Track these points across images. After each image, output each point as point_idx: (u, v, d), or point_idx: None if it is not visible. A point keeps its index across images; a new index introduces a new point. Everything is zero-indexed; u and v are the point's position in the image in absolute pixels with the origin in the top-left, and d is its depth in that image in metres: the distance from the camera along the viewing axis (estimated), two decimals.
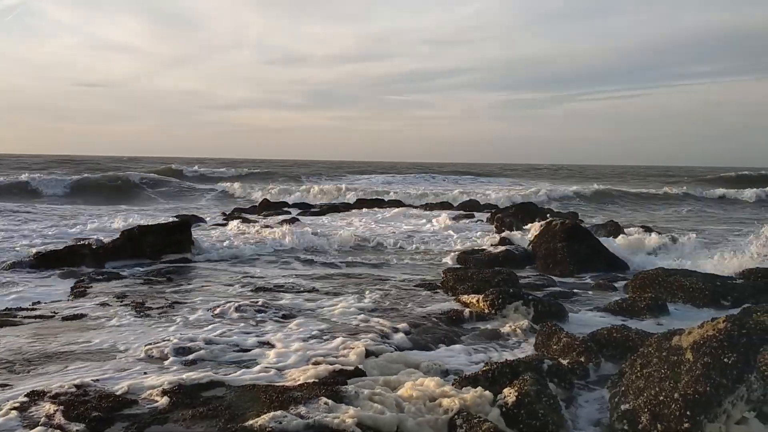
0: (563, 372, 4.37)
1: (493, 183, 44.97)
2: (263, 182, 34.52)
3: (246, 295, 7.23)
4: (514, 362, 4.27)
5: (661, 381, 3.54)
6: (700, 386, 3.33)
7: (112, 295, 7.10)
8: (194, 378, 4.30)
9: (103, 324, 5.87)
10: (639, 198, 30.65)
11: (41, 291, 7.28)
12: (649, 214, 24.09)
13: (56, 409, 3.71)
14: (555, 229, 10.05)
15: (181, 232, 10.39)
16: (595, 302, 7.32)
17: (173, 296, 7.12)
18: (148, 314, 6.24)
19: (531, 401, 3.64)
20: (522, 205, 18.63)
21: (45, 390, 4.01)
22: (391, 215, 18.18)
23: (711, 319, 3.75)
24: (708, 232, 16.26)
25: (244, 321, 6.01)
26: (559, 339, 5.14)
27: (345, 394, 3.92)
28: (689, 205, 28.12)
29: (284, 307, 6.55)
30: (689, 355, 3.50)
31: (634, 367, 3.87)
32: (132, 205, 22.71)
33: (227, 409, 3.79)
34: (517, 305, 6.36)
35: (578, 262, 9.38)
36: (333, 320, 6.13)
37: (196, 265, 9.33)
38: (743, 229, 15.66)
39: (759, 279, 8.05)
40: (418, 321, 6.13)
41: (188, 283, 8.00)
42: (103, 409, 3.75)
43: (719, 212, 25.92)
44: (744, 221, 20.22)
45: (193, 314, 6.25)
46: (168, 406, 3.86)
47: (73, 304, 6.64)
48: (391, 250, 11.20)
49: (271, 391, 3.99)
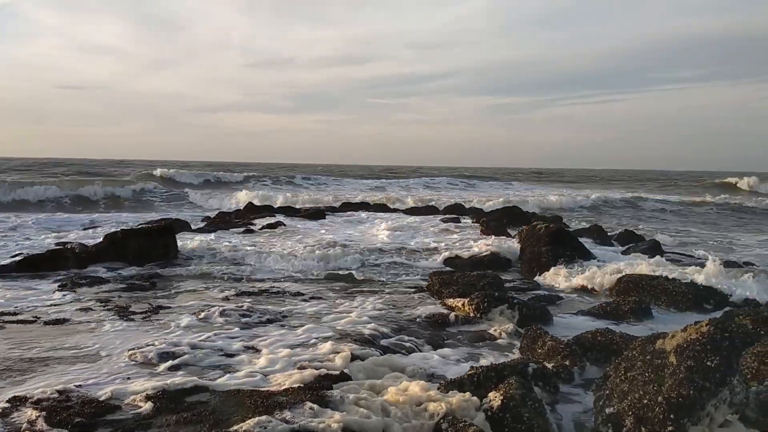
0: (548, 375, 4.39)
1: (516, 187, 44.00)
2: (247, 186, 34.16)
3: (230, 299, 7.20)
4: (500, 366, 4.28)
5: (645, 384, 3.56)
6: (683, 389, 3.35)
7: (95, 299, 7.03)
8: (178, 383, 4.26)
9: (86, 329, 5.81)
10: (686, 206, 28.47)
11: (23, 295, 7.19)
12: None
13: (38, 414, 3.66)
14: (540, 232, 10.10)
15: (164, 236, 10.32)
16: (580, 306, 7.36)
17: (157, 301, 7.07)
18: (132, 319, 6.19)
19: (516, 405, 3.65)
20: (507, 209, 18.68)
21: (27, 396, 3.96)
22: (377, 219, 18.18)
23: (694, 322, 3.78)
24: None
25: (228, 325, 5.97)
26: (543, 342, 5.16)
27: (330, 398, 3.91)
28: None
29: (269, 312, 6.51)
30: (673, 359, 3.53)
31: (618, 370, 3.89)
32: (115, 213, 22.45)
33: (211, 414, 3.76)
34: (502, 309, 6.39)
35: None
36: (318, 324, 6.11)
37: (180, 269, 9.26)
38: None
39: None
40: (403, 324, 6.13)
41: (172, 287, 7.95)
42: (86, 415, 3.71)
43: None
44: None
45: (177, 319, 6.21)
46: (152, 411, 3.83)
47: (55, 309, 6.56)
48: (376, 254, 11.18)
49: (256, 396, 3.96)
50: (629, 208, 27.66)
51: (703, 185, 47.27)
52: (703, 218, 24.15)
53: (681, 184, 51.46)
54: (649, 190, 42.81)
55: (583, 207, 27.30)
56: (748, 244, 15.22)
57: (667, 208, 27.38)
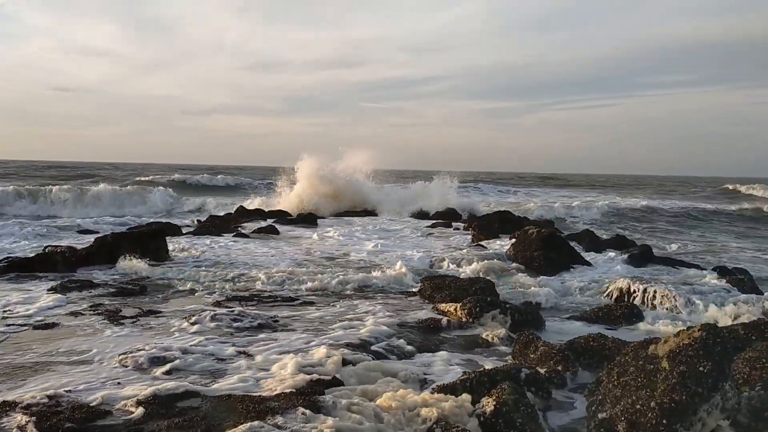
0: (541, 381, 4.39)
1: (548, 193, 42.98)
2: (240, 191, 34.03)
3: (222, 304, 7.16)
4: (492, 371, 4.28)
5: (637, 389, 3.57)
6: (676, 395, 3.36)
7: (85, 303, 6.97)
8: (169, 388, 4.23)
9: (76, 333, 5.76)
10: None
11: (13, 299, 7.11)
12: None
13: (28, 420, 3.63)
14: (531, 237, 10.12)
15: (155, 239, 10.28)
16: (572, 310, 7.38)
17: (148, 305, 7.02)
18: (122, 323, 6.14)
19: (509, 410, 3.64)
20: (499, 213, 18.71)
21: (16, 401, 3.92)
22: (369, 224, 18.20)
23: (686, 327, 3.80)
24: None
25: (219, 330, 5.94)
26: (536, 348, 5.16)
27: (323, 404, 3.90)
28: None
29: (261, 316, 6.48)
30: (665, 364, 3.53)
31: (611, 375, 3.89)
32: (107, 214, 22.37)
33: (203, 419, 3.74)
34: (494, 314, 6.38)
35: (554, 269, 9.44)
36: (310, 329, 6.09)
37: (171, 273, 9.20)
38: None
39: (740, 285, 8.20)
40: (395, 329, 6.11)
41: (163, 291, 7.90)
42: (76, 420, 3.68)
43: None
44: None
45: (167, 323, 6.17)
46: (143, 416, 3.80)
47: (45, 313, 6.50)
48: (367, 259, 11.16)
49: (248, 402, 3.95)
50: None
51: (716, 191, 47.69)
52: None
53: (676, 189, 51.79)
54: (664, 194, 42.65)
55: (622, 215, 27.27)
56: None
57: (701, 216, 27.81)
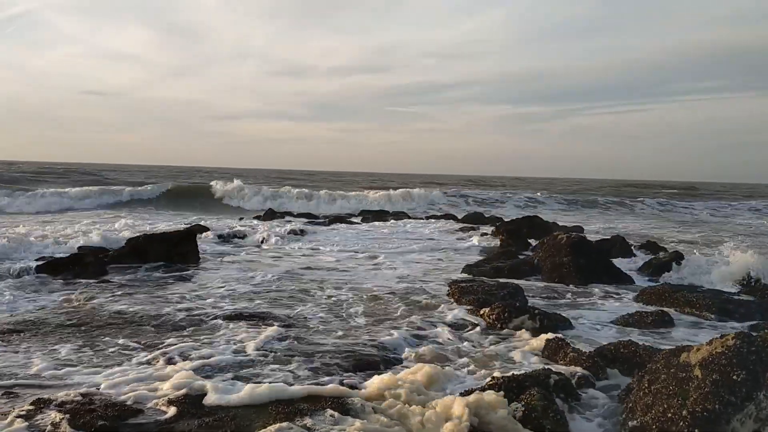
0: (570, 387, 4.34)
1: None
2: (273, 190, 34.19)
3: (250, 305, 7.23)
4: (521, 376, 4.25)
5: (669, 398, 3.52)
6: (708, 404, 3.31)
7: (114, 303, 7.10)
8: (200, 387, 4.29)
9: (107, 332, 5.87)
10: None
11: (43, 299, 7.29)
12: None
13: (62, 417, 3.71)
14: (561, 242, 10.03)
15: (186, 242, 10.42)
16: (602, 316, 7.29)
17: (177, 305, 7.12)
18: (152, 323, 6.24)
19: (538, 416, 3.62)
20: (527, 218, 18.54)
21: (51, 398, 4.01)
22: (396, 226, 18.24)
23: (719, 335, 3.74)
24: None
25: (248, 330, 6.00)
26: (565, 353, 5.12)
27: (351, 406, 3.91)
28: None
29: (289, 317, 6.53)
30: (698, 372, 3.49)
31: (641, 383, 3.85)
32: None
33: (233, 420, 3.78)
34: (523, 319, 6.35)
35: (584, 275, 9.35)
36: (339, 332, 6.11)
37: (201, 274, 9.33)
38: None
39: (767, 297, 8.02)
40: (421, 333, 6.11)
41: (192, 292, 8.00)
42: (109, 418, 3.75)
43: None
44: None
45: (198, 323, 6.25)
46: (174, 415, 3.85)
47: (75, 313, 6.64)
48: (392, 261, 11.16)
49: (277, 403, 3.98)
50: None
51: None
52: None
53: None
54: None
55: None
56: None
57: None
